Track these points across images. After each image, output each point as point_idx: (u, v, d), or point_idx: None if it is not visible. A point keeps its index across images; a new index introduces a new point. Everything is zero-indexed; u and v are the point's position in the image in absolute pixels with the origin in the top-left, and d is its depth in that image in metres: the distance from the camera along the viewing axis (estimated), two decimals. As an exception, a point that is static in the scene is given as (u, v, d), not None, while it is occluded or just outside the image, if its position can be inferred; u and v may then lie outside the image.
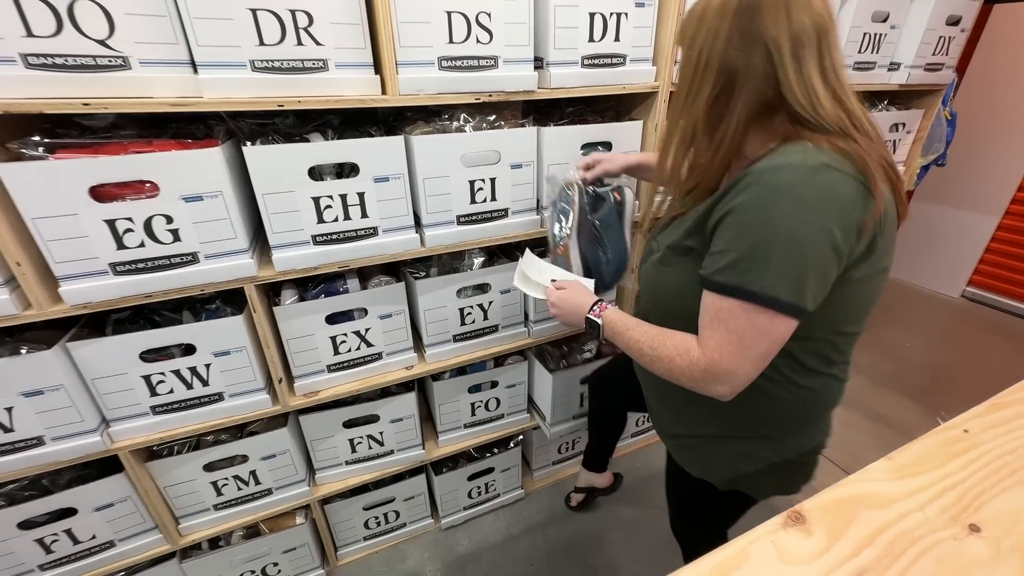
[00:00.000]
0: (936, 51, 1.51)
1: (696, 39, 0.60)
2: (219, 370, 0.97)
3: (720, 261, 0.58)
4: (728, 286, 0.57)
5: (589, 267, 0.98)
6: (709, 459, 0.78)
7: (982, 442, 0.52)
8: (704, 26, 0.59)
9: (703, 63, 0.59)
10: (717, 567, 0.39)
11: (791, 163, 0.54)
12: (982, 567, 0.38)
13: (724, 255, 0.57)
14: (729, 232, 0.57)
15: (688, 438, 0.80)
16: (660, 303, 0.72)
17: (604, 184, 1.00)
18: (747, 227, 0.55)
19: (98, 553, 1.03)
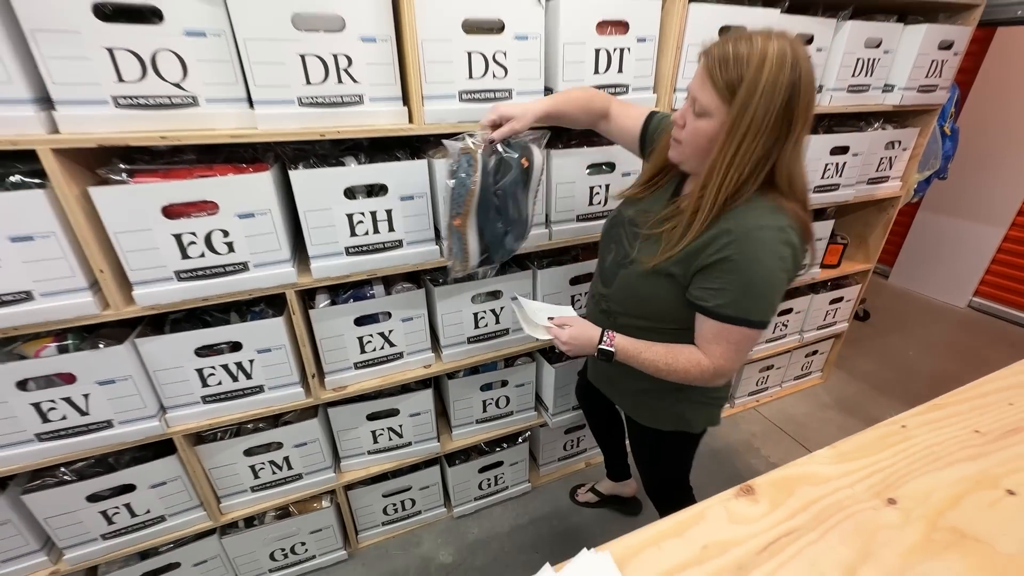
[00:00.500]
0: (929, 74, 1.59)
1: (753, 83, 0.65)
2: (261, 365, 1.10)
3: (721, 297, 0.75)
4: (732, 317, 0.76)
5: (487, 244, 0.94)
6: (655, 408, 0.99)
7: (915, 435, 0.61)
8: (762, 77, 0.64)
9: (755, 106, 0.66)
10: (679, 524, 0.49)
11: (767, 225, 0.72)
12: (891, 530, 0.48)
13: (723, 293, 0.75)
14: (726, 276, 0.74)
15: (641, 394, 1.00)
16: (638, 305, 0.89)
17: (511, 145, 0.89)
18: (741, 273, 0.73)
19: (151, 526, 1.17)
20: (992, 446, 0.59)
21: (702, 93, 0.71)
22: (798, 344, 2.04)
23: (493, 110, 0.87)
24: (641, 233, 0.87)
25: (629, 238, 0.90)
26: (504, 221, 0.93)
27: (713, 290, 0.76)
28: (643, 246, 0.86)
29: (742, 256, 0.72)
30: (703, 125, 0.73)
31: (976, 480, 0.54)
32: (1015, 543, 0.47)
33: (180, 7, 0.79)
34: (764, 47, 0.65)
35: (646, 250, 0.84)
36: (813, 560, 0.45)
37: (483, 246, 0.94)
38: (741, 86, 0.66)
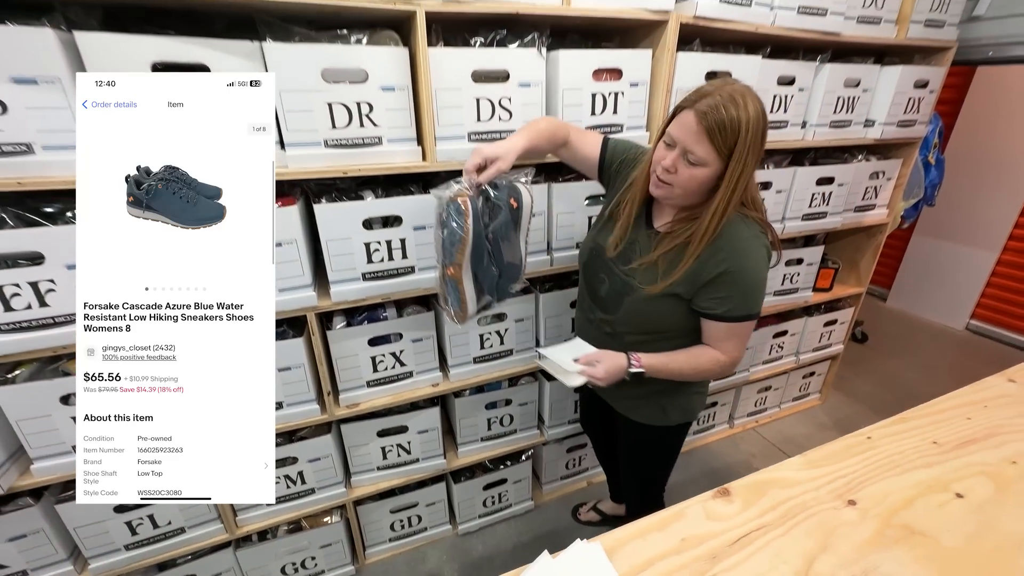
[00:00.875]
0: (907, 110, 1.69)
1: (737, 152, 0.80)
2: (281, 383, 1.17)
3: (727, 304, 0.90)
4: (739, 316, 0.91)
5: (483, 289, 0.95)
6: (668, 405, 1.08)
7: (879, 445, 0.68)
8: (748, 135, 0.79)
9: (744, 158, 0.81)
10: (661, 520, 0.56)
11: (747, 236, 0.88)
12: (848, 527, 0.55)
13: (729, 299, 0.89)
14: (728, 286, 0.88)
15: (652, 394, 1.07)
16: (647, 323, 0.99)
17: (498, 187, 0.89)
18: (739, 282, 0.88)
19: (172, 537, 1.22)
20: (947, 455, 0.66)
21: (699, 147, 0.81)
22: (795, 365, 2.09)
23: (476, 153, 0.87)
24: (636, 263, 0.96)
25: (620, 268, 0.98)
26: (498, 264, 0.94)
27: (719, 299, 0.90)
28: (641, 275, 0.95)
29: (737, 267, 0.87)
30: (699, 173, 0.83)
31: (929, 485, 0.61)
32: (957, 538, 0.53)
33: (226, 64, 0.91)
34: (748, 109, 0.78)
35: (646, 278, 0.94)
36: (778, 551, 0.52)
37: (480, 292, 0.95)
38: (736, 145, 0.79)
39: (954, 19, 1.64)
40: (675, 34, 1.20)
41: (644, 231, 0.97)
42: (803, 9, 1.34)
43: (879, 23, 1.52)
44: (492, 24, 1.14)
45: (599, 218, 1.09)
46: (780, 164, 1.63)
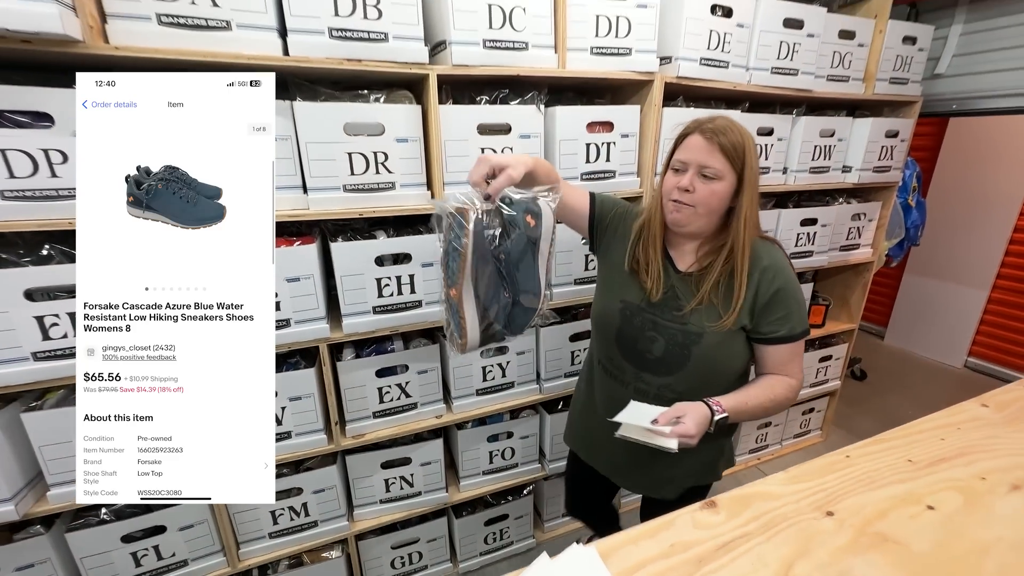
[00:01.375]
0: (881, 157, 1.82)
1: (747, 163, 0.84)
2: (291, 412, 1.22)
3: (789, 321, 0.90)
4: (800, 333, 0.91)
5: (488, 316, 0.84)
6: (714, 462, 1.03)
7: (856, 463, 0.73)
8: (751, 153, 0.85)
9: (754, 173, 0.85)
10: (652, 528, 0.60)
11: (776, 252, 0.93)
12: (826, 535, 0.59)
13: (789, 317, 0.90)
14: (785, 303, 0.90)
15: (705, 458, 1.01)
16: (712, 375, 0.92)
17: (512, 203, 0.80)
18: (792, 297, 0.90)
19: (174, 570, 1.23)
20: (920, 472, 0.70)
21: (715, 161, 0.83)
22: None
23: (482, 162, 0.79)
24: (688, 308, 0.91)
25: (672, 318, 0.92)
26: (512, 290, 0.84)
27: (780, 319, 0.90)
28: (700, 319, 0.90)
29: (786, 283, 0.90)
30: (718, 187, 0.84)
31: (903, 498, 0.65)
32: (927, 545, 0.57)
33: (259, 120, 1.02)
34: (744, 132, 0.86)
35: (708, 320, 0.89)
36: (760, 556, 0.56)
37: (485, 319, 0.83)
38: (746, 159, 0.84)
39: (917, 77, 1.80)
40: (660, 92, 1.33)
41: (676, 276, 0.93)
42: (776, 70, 1.49)
43: (847, 80, 1.67)
44: (496, 84, 1.28)
45: (610, 277, 1.02)
46: (765, 206, 1.73)
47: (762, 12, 1.41)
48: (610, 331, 0.99)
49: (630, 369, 0.98)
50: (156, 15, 0.89)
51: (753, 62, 1.45)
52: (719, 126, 0.85)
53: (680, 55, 1.32)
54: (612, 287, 1.01)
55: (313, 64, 1.01)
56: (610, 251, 1.02)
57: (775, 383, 0.92)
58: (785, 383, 0.92)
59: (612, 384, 1.02)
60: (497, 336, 0.89)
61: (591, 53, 1.25)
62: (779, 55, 1.48)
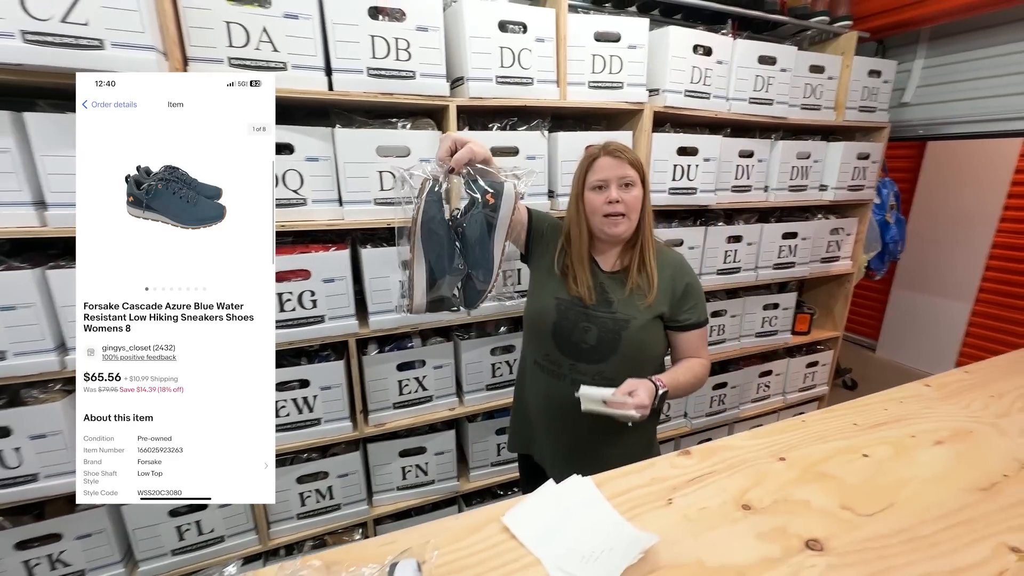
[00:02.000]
0: (854, 177, 2.00)
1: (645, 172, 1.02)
2: (322, 401, 1.36)
3: (697, 310, 1.07)
4: (705, 320, 1.09)
5: (437, 283, 0.88)
6: (653, 426, 1.16)
7: (811, 426, 0.87)
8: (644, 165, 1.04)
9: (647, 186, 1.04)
10: (638, 467, 0.75)
11: (685, 261, 1.11)
12: (777, 473, 0.73)
13: (697, 306, 1.07)
14: (693, 297, 1.07)
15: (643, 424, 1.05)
16: (640, 358, 1.04)
17: (476, 180, 0.87)
18: (697, 290, 1.08)
19: (213, 545, 1.35)
20: (862, 432, 0.84)
21: (627, 170, 0.98)
22: (782, 405, 2.24)
23: (446, 138, 0.87)
24: (616, 299, 1.03)
25: (603, 310, 1.03)
26: (469, 262, 0.88)
27: (691, 308, 1.06)
28: (626, 307, 1.02)
29: (692, 279, 1.08)
30: (637, 191, 0.99)
31: (844, 449, 0.79)
32: (857, 479, 0.71)
33: (305, 143, 1.20)
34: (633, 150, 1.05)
35: (631, 307, 1.02)
36: (722, 486, 0.70)
37: (435, 286, 0.88)
38: (644, 171, 1.02)
39: (884, 105, 1.99)
40: (650, 120, 1.52)
41: (604, 275, 1.06)
42: (753, 99, 1.68)
43: (819, 109, 1.86)
44: (506, 113, 1.46)
45: (543, 280, 1.10)
46: (749, 221, 1.90)
47: (739, 51, 1.61)
48: (546, 326, 1.06)
49: (566, 362, 1.05)
50: (228, 59, 1.08)
51: (732, 93, 1.64)
52: (619, 146, 1.01)
53: (667, 87, 1.51)
54: (546, 288, 1.08)
55: (352, 97, 1.19)
56: (541, 258, 1.12)
57: (693, 364, 1.06)
58: (700, 363, 1.07)
59: (548, 380, 1.08)
60: (447, 304, 0.92)
61: (588, 87, 1.44)
62: (755, 87, 1.67)
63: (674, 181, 1.62)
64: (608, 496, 0.67)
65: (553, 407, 1.09)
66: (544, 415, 1.12)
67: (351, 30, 1.16)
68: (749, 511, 0.66)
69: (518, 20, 1.31)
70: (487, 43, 1.28)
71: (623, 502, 0.66)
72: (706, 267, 1.79)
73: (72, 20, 0.91)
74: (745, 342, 2.02)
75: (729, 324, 1.95)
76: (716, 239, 1.78)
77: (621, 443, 1.07)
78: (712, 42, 1.55)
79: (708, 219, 1.84)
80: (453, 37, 1.29)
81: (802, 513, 0.65)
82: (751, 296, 1.99)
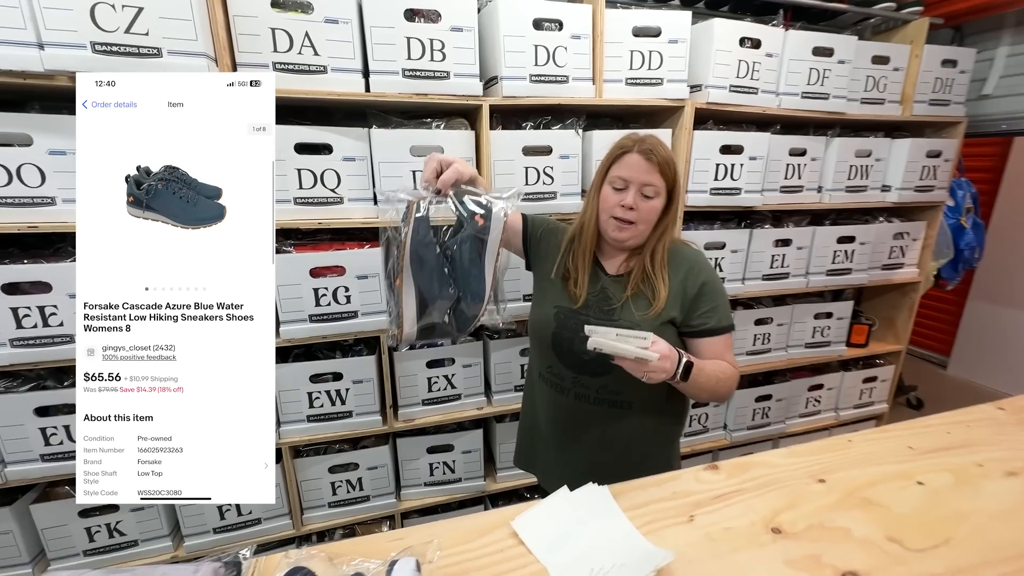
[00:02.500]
0: (923, 176, 1.83)
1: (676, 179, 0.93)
2: (354, 394, 1.40)
3: (717, 313, 0.94)
4: (727, 325, 0.95)
5: (431, 310, 0.85)
6: (673, 452, 1.06)
7: (857, 446, 0.80)
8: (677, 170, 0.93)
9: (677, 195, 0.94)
10: (659, 479, 0.71)
11: (701, 253, 0.99)
12: (815, 495, 0.67)
13: (717, 309, 0.94)
14: (711, 298, 0.94)
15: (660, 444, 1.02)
16: None
17: (464, 201, 0.84)
18: (717, 291, 0.95)
19: (251, 526, 1.42)
20: (919, 457, 0.76)
21: (653, 178, 0.89)
22: (835, 422, 2.09)
23: (431, 159, 0.85)
24: (617, 304, 0.94)
25: (604, 317, 0.94)
26: (459, 286, 0.85)
27: (708, 312, 0.93)
28: (629, 313, 0.92)
29: (711, 278, 0.95)
30: (657, 203, 0.91)
31: (895, 475, 0.71)
32: (907, 509, 0.64)
33: (343, 144, 1.24)
34: (670, 151, 0.93)
35: (637, 309, 0.92)
36: (750, 506, 0.65)
37: (425, 314, 0.85)
38: (676, 176, 0.92)
39: (960, 98, 1.81)
40: (691, 117, 1.45)
41: (607, 279, 0.97)
42: (806, 94, 1.57)
43: (883, 103, 1.71)
44: (540, 112, 1.45)
45: (543, 288, 1.04)
46: (799, 223, 1.78)
47: (791, 42, 1.51)
48: (546, 337, 0.99)
49: (568, 374, 0.98)
50: (272, 63, 1.13)
51: (783, 88, 1.54)
52: (654, 144, 0.90)
53: (710, 83, 1.44)
54: (545, 296, 1.03)
55: (388, 98, 1.22)
56: (542, 264, 1.05)
57: (721, 365, 0.91)
58: (731, 368, 0.92)
59: (553, 394, 1.02)
60: (439, 331, 0.89)
61: (626, 83, 1.39)
62: (809, 80, 1.56)
63: (716, 181, 1.55)
64: (625, 508, 0.64)
65: (559, 422, 1.03)
66: (551, 430, 1.06)
67: (388, 32, 1.18)
68: (779, 535, 0.60)
69: (554, 17, 1.29)
70: (521, 42, 1.27)
71: (640, 515, 0.63)
72: (751, 272, 1.69)
73: (135, 31, 0.99)
74: (793, 352, 1.90)
75: (775, 333, 1.83)
76: (762, 242, 1.68)
77: (637, 460, 0.97)
78: (761, 34, 1.47)
79: (754, 221, 1.74)
80: (487, 36, 1.29)
81: (840, 542, 0.59)
82: (801, 304, 1.87)
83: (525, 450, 1.20)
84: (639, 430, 0.98)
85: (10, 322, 1.09)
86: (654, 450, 1.01)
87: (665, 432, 1.03)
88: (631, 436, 0.98)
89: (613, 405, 0.96)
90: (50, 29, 0.95)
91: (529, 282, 1.47)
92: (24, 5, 0.94)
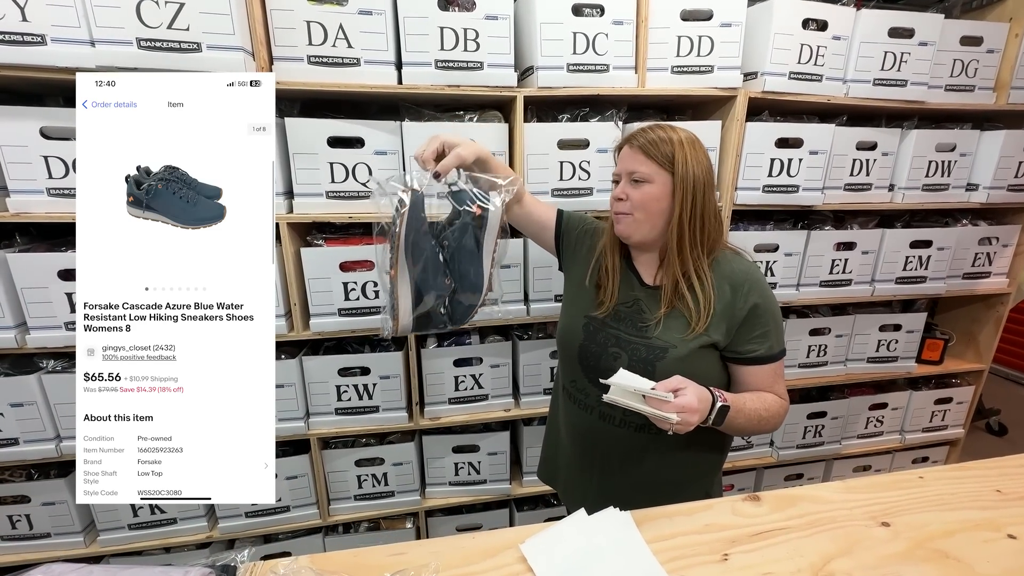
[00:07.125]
0: (1019, 174, 1.60)
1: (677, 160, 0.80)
2: (381, 389, 1.40)
3: (768, 339, 0.83)
4: (781, 352, 0.85)
5: (423, 300, 0.83)
6: (712, 484, 0.94)
7: (931, 485, 0.69)
8: (684, 147, 0.81)
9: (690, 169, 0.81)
10: (690, 507, 0.64)
11: (752, 265, 0.87)
12: (877, 541, 0.58)
13: (768, 335, 0.83)
14: (763, 322, 0.83)
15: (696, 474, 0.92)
16: None
17: (461, 191, 0.83)
18: (770, 313, 0.84)
19: (280, 513, 1.45)
20: (1008, 503, 0.64)
21: (640, 165, 0.82)
22: (899, 445, 1.89)
23: (433, 139, 0.81)
24: (652, 319, 0.86)
25: (635, 333, 0.87)
26: (455, 277, 0.83)
27: (759, 337, 0.83)
28: (665, 331, 0.84)
29: (763, 298, 0.83)
30: (649, 188, 0.82)
31: (979, 523, 0.61)
32: (996, 570, 0.54)
33: (375, 137, 1.23)
34: (677, 131, 0.83)
35: (673, 331, 0.84)
36: (797, 547, 0.57)
37: (420, 304, 0.83)
38: (675, 155, 0.81)
39: (1069, 83, 1.57)
40: (743, 108, 1.34)
41: (642, 289, 0.89)
42: (879, 81, 1.41)
43: (972, 90, 1.51)
44: (578, 104, 1.38)
45: (574, 294, 0.98)
46: (865, 225, 1.61)
47: (863, 23, 1.35)
48: (573, 348, 0.93)
49: (594, 392, 0.89)
50: (306, 56, 1.13)
51: (851, 74, 1.39)
52: (643, 130, 0.84)
53: (766, 70, 1.32)
54: (576, 303, 0.96)
55: (420, 91, 1.19)
56: (575, 267, 0.99)
57: (764, 393, 0.83)
58: (777, 401, 0.84)
59: (576, 411, 0.94)
60: (436, 322, 0.87)
61: (671, 72, 1.30)
62: (883, 66, 1.40)
63: (770, 177, 1.42)
64: (648, 539, 0.58)
65: (582, 442, 0.95)
66: (573, 449, 0.98)
67: (421, 23, 1.15)
68: (831, 586, 0.52)
69: (595, 3, 1.22)
70: (559, 29, 1.21)
71: (665, 549, 0.56)
72: (807, 277, 1.54)
73: (176, 27, 1.01)
74: (853, 367, 1.72)
75: (833, 345, 1.67)
76: (821, 245, 1.53)
77: (670, 491, 0.84)
78: (828, 14, 1.32)
79: (812, 222, 1.59)
80: (523, 25, 1.24)
81: (908, 601, 0.50)
82: (864, 314, 1.69)
83: (548, 461, 1.14)
84: (671, 459, 0.88)
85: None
86: (689, 482, 0.90)
87: (703, 461, 0.92)
88: (662, 465, 0.88)
89: (641, 429, 0.85)
90: (100, 27, 0.99)
91: (561, 282, 1.42)
92: (78, 4, 0.98)
